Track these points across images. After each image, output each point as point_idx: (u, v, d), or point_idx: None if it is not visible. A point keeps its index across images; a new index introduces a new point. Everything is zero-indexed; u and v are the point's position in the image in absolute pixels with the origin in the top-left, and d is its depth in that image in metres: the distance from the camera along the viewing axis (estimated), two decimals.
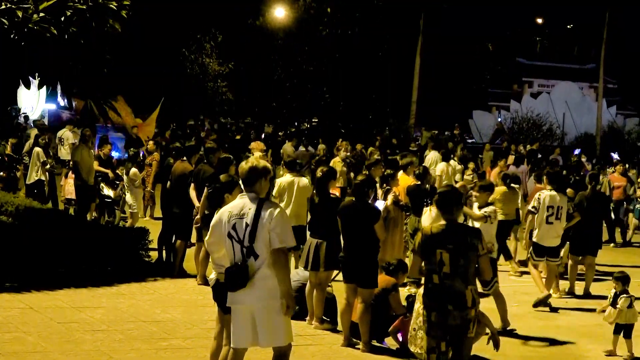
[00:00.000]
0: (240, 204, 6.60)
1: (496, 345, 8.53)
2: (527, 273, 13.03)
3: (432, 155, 21.83)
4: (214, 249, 6.96)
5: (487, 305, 9.44)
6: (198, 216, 11.64)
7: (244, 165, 6.65)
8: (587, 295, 13.00)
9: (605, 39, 43.19)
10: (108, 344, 8.50)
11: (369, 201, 9.71)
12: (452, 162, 19.54)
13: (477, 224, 10.49)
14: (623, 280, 9.80)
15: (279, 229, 6.41)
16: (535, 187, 15.28)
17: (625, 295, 9.62)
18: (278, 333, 6.45)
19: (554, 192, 12.30)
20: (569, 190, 14.01)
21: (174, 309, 10.20)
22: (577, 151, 36.07)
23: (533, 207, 12.30)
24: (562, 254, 13.31)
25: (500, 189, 14.11)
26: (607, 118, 47.01)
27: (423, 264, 7.03)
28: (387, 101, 39.76)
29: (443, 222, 7.07)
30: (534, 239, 12.34)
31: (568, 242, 13.57)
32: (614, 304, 9.64)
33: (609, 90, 51.21)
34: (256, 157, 7.03)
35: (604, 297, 12.52)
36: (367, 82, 37.65)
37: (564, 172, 19.24)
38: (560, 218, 12.29)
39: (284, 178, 12.28)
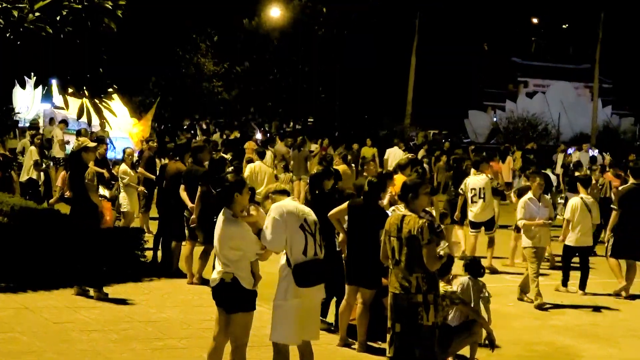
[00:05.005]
0: (296, 204, 7.17)
1: (492, 345, 8.53)
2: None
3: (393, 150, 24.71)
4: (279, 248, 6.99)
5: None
6: (193, 216, 11.62)
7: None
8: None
9: (601, 39, 43.27)
10: (103, 344, 8.50)
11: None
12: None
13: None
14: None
15: None
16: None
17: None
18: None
19: (477, 177, 14.52)
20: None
21: (169, 309, 10.19)
22: (570, 150, 36.11)
23: (460, 189, 14.73)
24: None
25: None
26: (603, 118, 47.10)
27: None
28: (382, 101, 39.81)
29: (403, 212, 7.45)
30: (470, 217, 14.59)
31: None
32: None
33: (604, 90, 51.32)
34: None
35: (604, 296, 12.60)
36: (362, 82, 37.68)
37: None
38: (484, 197, 14.41)
39: (255, 163, 14.36)
